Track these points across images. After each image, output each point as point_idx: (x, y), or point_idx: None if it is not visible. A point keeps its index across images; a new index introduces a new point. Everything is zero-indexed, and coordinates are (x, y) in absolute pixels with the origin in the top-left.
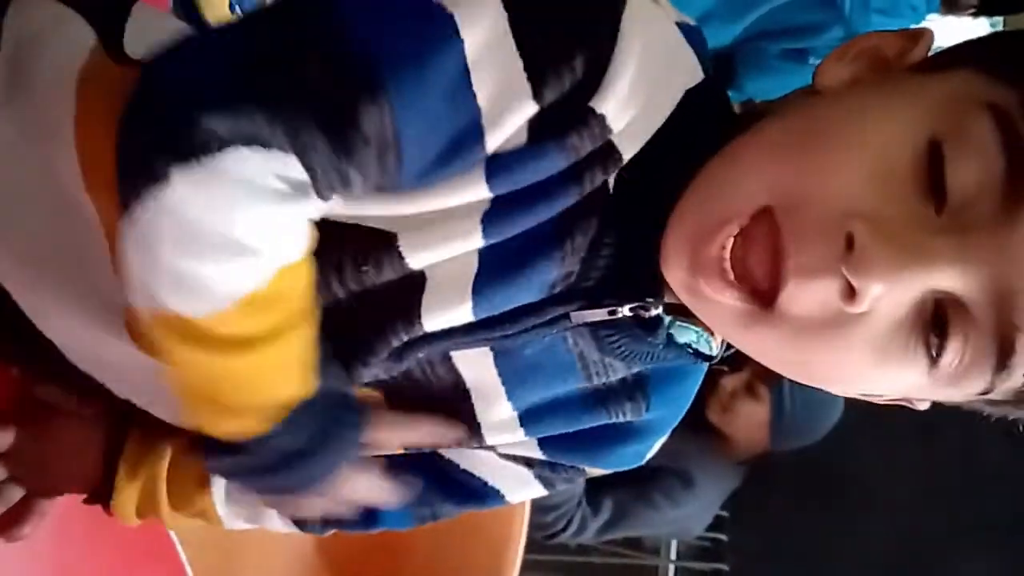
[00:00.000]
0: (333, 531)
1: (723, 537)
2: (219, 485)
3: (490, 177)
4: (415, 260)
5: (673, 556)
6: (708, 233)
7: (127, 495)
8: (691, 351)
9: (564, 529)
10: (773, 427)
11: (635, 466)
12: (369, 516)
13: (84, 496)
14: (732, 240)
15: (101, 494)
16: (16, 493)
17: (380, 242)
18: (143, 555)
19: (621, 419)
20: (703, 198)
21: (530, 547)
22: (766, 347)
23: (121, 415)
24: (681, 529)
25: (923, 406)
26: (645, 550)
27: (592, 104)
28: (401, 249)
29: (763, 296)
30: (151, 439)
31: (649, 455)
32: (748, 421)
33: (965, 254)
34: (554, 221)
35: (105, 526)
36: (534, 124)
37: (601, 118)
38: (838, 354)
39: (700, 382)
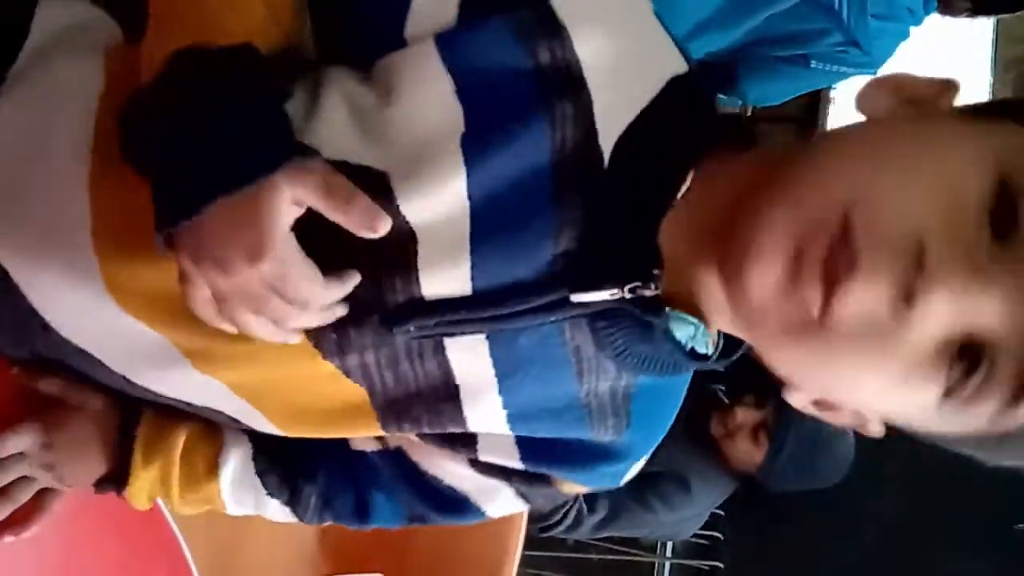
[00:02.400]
0: (328, 523)
1: (719, 535)
2: (227, 472)
3: (443, 50)
4: (406, 202)
5: (669, 553)
6: (807, 239)
7: (143, 481)
8: (688, 351)
9: (560, 522)
10: (760, 472)
11: (612, 487)
12: (361, 511)
13: (93, 483)
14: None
15: (114, 480)
16: (27, 492)
17: (374, 183)
18: (148, 552)
19: (602, 434)
20: (789, 203)
21: (529, 543)
22: (802, 359)
23: (129, 402)
24: (673, 532)
25: (875, 431)
26: (642, 547)
27: None
28: (392, 184)
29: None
30: (163, 423)
31: (627, 478)
32: (742, 454)
33: (1016, 291)
34: (544, 180)
35: (110, 522)
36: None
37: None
38: (869, 370)
39: (679, 405)
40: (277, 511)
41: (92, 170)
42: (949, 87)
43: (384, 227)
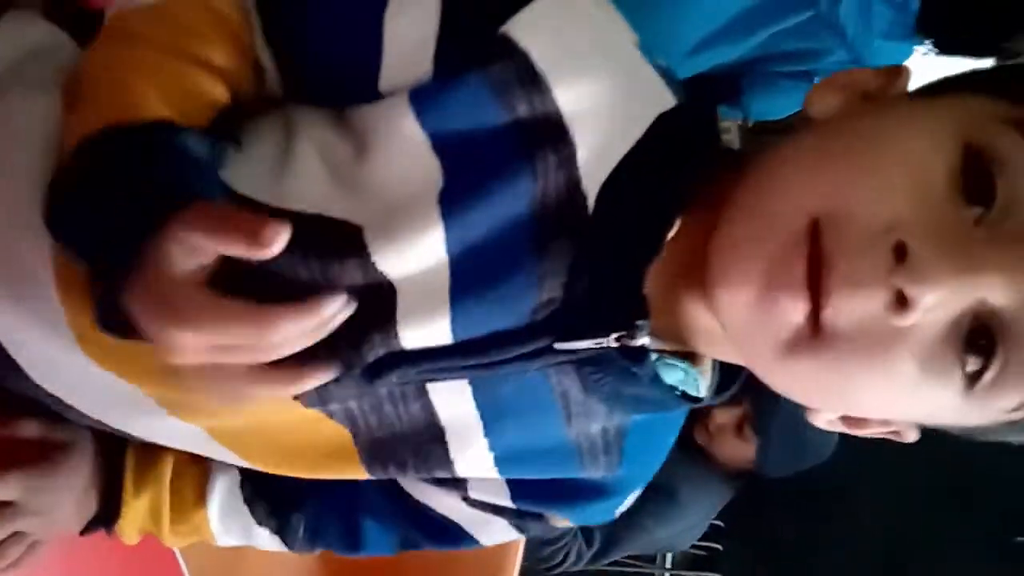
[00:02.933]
0: (320, 550)
1: (718, 546)
2: (215, 500)
3: (418, 110)
4: (381, 257)
5: (669, 565)
6: (776, 253)
7: (135, 511)
8: (678, 393)
9: (561, 563)
10: (757, 466)
11: (606, 521)
12: (352, 540)
13: (83, 527)
14: (807, 256)
15: (104, 516)
16: (18, 550)
17: (347, 236)
18: (145, 566)
19: (594, 472)
20: (749, 219)
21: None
22: (805, 375)
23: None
24: (669, 545)
25: (912, 437)
26: (642, 559)
27: (504, 30)
28: (366, 239)
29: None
30: (149, 450)
31: (620, 510)
32: (732, 452)
33: (1013, 263)
34: (525, 232)
35: (107, 537)
36: (439, 50)
37: (522, 51)
38: (879, 374)
39: (675, 439)
40: (267, 540)
41: None
42: (898, 73)
43: (275, 237)
